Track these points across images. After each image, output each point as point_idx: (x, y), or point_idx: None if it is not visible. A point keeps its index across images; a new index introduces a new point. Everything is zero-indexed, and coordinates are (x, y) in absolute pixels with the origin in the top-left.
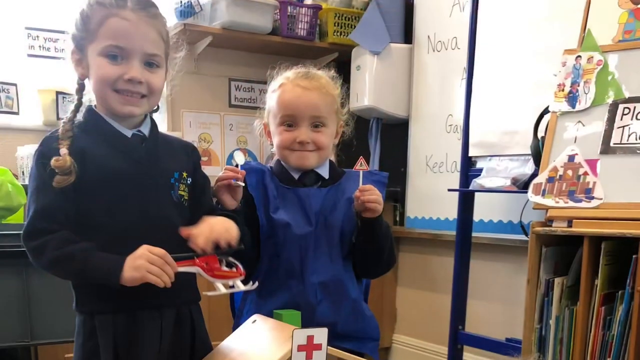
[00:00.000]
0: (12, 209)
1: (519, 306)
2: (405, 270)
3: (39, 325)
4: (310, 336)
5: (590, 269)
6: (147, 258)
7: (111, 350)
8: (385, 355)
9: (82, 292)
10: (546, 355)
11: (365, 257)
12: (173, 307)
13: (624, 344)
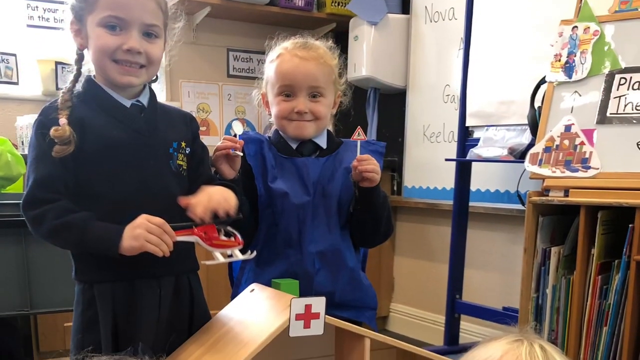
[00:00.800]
0: (12, 179)
1: (515, 275)
2: (402, 239)
3: (39, 295)
4: (308, 305)
5: (587, 238)
6: (146, 227)
7: (110, 319)
8: (382, 324)
9: (81, 261)
10: (543, 324)
11: (362, 227)
12: (172, 276)
13: (621, 313)
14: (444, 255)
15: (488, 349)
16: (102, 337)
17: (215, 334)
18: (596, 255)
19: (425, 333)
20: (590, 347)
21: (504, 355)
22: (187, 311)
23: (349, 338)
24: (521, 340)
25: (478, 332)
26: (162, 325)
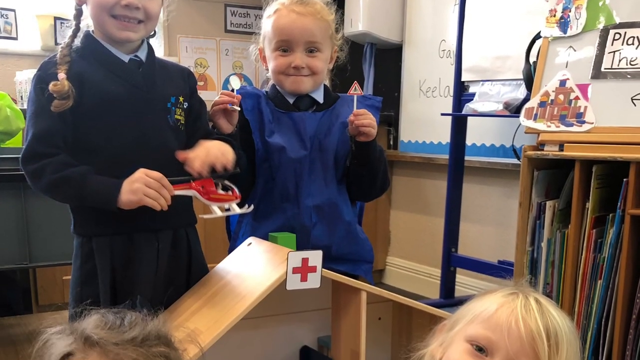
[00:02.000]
0: (11, 133)
1: (511, 229)
2: (398, 193)
3: (37, 248)
4: (305, 258)
5: (582, 192)
6: (144, 181)
7: (108, 272)
8: (379, 277)
9: (79, 215)
10: (538, 277)
11: (359, 181)
12: (169, 229)
13: (615, 266)
14: (439, 209)
15: (483, 302)
16: (100, 290)
17: (212, 287)
18: (591, 209)
19: (421, 286)
20: (584, 300)
21: (499, 308)
22: (185, 265)
23: (345, 291)
24: (516, 293)
25: (473, 285)
26: (160, 279)
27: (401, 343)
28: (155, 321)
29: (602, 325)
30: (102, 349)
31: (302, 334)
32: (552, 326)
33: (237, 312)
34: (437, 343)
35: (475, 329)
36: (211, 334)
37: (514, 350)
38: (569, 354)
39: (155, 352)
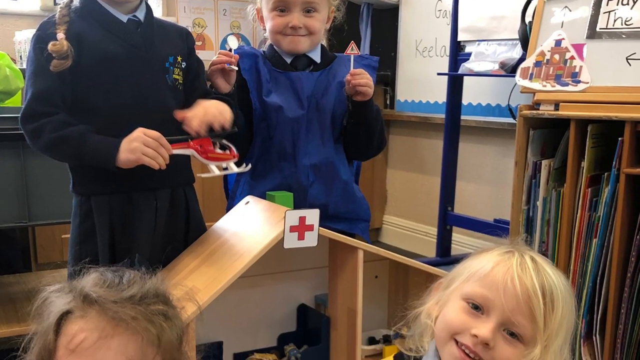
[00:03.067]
0: (10, 93)
1: (506, 188)
2: (395, 152)
3: (37, 207)
4: (302, 217)
5: (577, 151)
6: (142, 140)
7: (107, 231)
8: (375, 235)
9: (78, 174)
10: (533, 236)
11: (356, 140)
12: (168, 188)
13: (610, 225)
14: (436, 168)
15: (480, 260)
16: (99, 249)
17: (210, 245)
18: (586, 168)
19: (418, 245)
20: (580, 259)
21: (495, 267)
22: (183, 223)
23: (342, 249)
24: (512, 251)
25: (470, 243)
26: (158, 237)
27: (397, 301)
28: (153, 279)
29: (597, 283)
30: (100, 307)
31: (299, 292)
32: (547, 284)
33: (235, 270)
34: (433, 301)
35: (472, 287)
36: (209, 292)
37: (510, 308)
38: (564, 311)
39: (153, 310)
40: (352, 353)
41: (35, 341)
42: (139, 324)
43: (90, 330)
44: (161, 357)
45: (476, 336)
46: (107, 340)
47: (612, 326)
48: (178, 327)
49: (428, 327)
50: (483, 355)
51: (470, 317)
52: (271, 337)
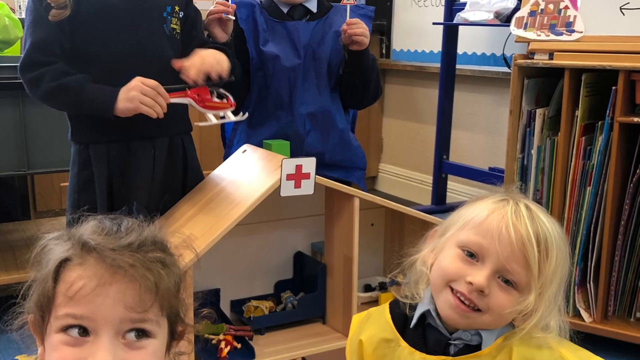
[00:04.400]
0: (9, 42)
1: (501, 136)
2: (391, 101)
3: (35, 155)
4: (299, 165)
5: (571, 100)
6: (140, 89)
7: (105, 179)
8: (371, 184)
9: (77, 122)
10: (528, 184)
11: (352, 89)
12: (165, 137)
13: (604, 173)
14: (431, 116)
15: (475, 208)
16: (97, 197)
17: (208, 193)
18: (580, 116)
19: (413, 193)
20: (574, 207)
21: (490, 215)
22: (181, 171)
23: (338, 198)
24: (507, 199)
25: (465, 191)
26: (156, 185)
27: (393, 249)
28: (151, 227)
29: (591, 230)
30: (99, 254)
31: (296, 240)
32: (542, 232)
33: (232, 218)
34: (428, 249)
35: (467, 235)
36: (206, 239)
37: (505, 255)
38: (558, 259)
39: (151, 258)
40: (347, 300)
41: (34, 288)
42: (137, 272)
43: (89, 278)
44: (159, 304)
45: (471, 283)
46: (105, 288)
47: (605, 273)
48: (176, 275)
49: (423, 275)
50: (478, 302)
51: (466, 265)
52: (268, 284)
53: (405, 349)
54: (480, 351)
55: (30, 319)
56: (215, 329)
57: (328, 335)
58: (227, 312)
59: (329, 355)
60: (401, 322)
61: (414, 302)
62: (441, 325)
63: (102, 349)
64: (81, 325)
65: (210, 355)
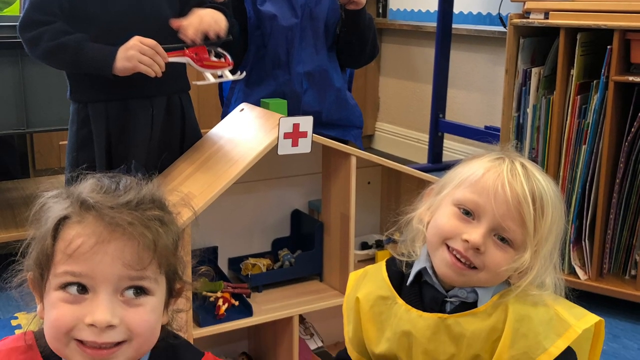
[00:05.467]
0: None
1: (497, 95)
2: (387, 60)
3: (35, 114)
4: (296, 124)
5: (566, 59)
6: (139, 49)
7: (104, 138)
8: (368, 142)
9: (76, 81)
10: (524, 143)
11: (349, 48)
12: (164, 96)
13: (599, 132)
14: (427, 75)
15: (471, 166)
16: (96, 155)
17: (205, 152)
18: (575, 75)
19: (410, 151)
20: (569, 165)
21: (486, 173)
22: (179, 130)
23: (335, 156)
24: (503, 158)
25: (461, 150)
26: (154, 144)
27: (390, 207)
28: (149, 185)
29: (587, 189)
30: (97, 212)
31: (293, 198)
32: (537, 190)
33: (230, 176)
34: (425, 207)
35: (463, 193)
36: (204, 197)
37: (500, 213)
38: (553, 217)
39: (149, 216)
40: (344, 258)
41: (33, 246)
42: (136, 229)
43: (88, 236)
44: (157, 262)
45: (467, 241)
46: (104, 245)
47: (600, 231)
48: (174, 232)
49: (420, 233)
50: (474, 260)
51: (461, 223)
52: (265, 242)
53: (401, 306)
54: (476, 308)
55: (30, 276)
56: (213, 287)
57: (325, 292)
58: (224, 270)
59: (326, 313)
60: (397, 280)
61: (410, 259)
62: (437, 282)
63: (100, 306)
64: (80, 282)
65: (208, 313)
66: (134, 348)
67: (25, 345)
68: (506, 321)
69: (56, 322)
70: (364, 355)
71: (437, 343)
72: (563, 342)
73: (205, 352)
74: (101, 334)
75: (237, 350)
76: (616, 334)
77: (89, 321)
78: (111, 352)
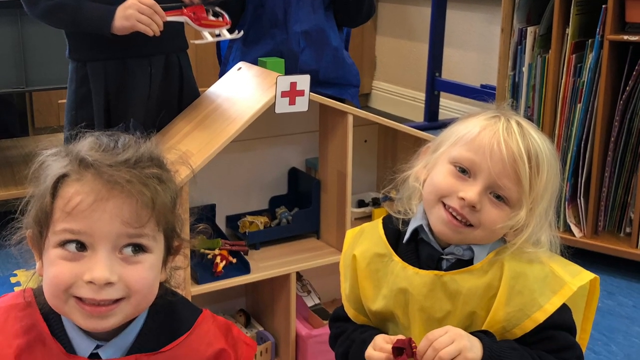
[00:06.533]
0: None
1: (493, 54)
2: (384, 19)
3: (34, 72)
4: (294, 82)
5: (562, 18)
6: (137, 8)
7: (102, 96)
8: (365, 101)
9: (75, 40)
10: (519, 101)
11: (346, 7)
12: (162, 54)
13: (594, 90)
14: (424, 34)
15: (467, 124)
16: (94, 114)
17: (203, 110)
18: (571, 34)
19: (406, 109)
20: (564, 123)
21: (481, 131)
22: (177, 89)
23: (332, 114)
24: (498, 116)
25: (457, 108)
26: (153, 102)
27: (386, 165)
28: (147, 143)
29: (582, 147)
30: (96, 170)
31: (290, 156)
32: (533, 148)
33: (227, 134)
34: (421, 165)
35: (459, 151)
36: (202, 155)
37: (496, 171)
38: (549, 175)
39: (147, 174)
40: (341, 215)
41: (32, 204)
42: (134, 187)
43: (86, 193)
44: (155, 220)
45: (463, 199)
46: (103, 203)
47: (596, 189)
48: (172, 190)
49: (416, 190)
50: (470, 218)
51: (458, 180)
52: (263, 199)
53: (398, 263)
54: (472, 266)
55: (29, 234)
56: (211, 244)
57: (322, 250)
58: (222, 228)
59: (323, 270)
60: (394, 237)
61: (406, 217)
62: (433, 240)
63: (99, 264)
64: (78, 240)
65: (206, 270)
66: (132, 305)
67: (24, 302)
68: (502, 278)
69: (55, 280)
70: (360, 312)
71: (433, 300)
72: (558, 299)
73: (203, 309)
74: (100, 291)
75: (235, 307)
76: (611, 291)
77: (87, 278)
78: (109, 309)
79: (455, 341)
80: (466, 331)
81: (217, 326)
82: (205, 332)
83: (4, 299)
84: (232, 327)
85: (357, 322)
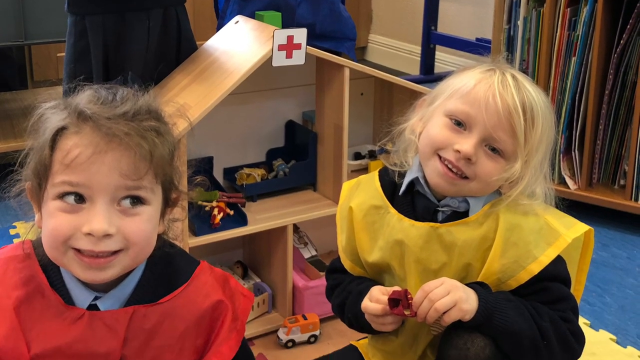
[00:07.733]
0: None
1: (488, 7)
2: None
3: (33, 25)
4: (290, 36)
5: None
6: None
7: (101, 49)
8: (361, 54)
9: None
10: (514, 54)
11: None
12: (160, 8)
13: (589, 44)
14: None
15: (462, 77)
16: (93, 67)
17: (201, 64)
18: None
19: (402, 63)
20: (559, 76)
21: (477, 84)
22: (175, 42)
23: (329, 68)
24: (494, 69)
25: (452, 62)
26: (151, 56)
27: (382, 117)
28: (146, 96)
29: (576, 100)
30: (94, 123)
31: (287, 109)
32: (528, 101)
33: (225, 87)
34: (417, 117)
35: (454, 104)
36: (200, 108)
37: (491, 124)
38: (544, 127)
39: (146, 126)
40: (338, 168)
41: (31, 156)
42: (132, 140)
43: (85, 146)
44: (153, 172)
45: (459, 151)
46: (101, 156)
47: (590, 142)
48: (170, 143)
49: (412, 143)
50: (465, 170)
51: (453, 133)
52: (260, 152)
53: (394, 215)
54: (467, 218)
55: (28, 186)
56: (209, 196)
57: (319, 202)
58: (220, 180)
59: (320, 222)
60: (390, 190)
61: (402, 169)
62: (429, 192)
63: (97, 216)
64: (77, 192)
65: (204, 222)
66: (131, 257)
67: (23, 253)
68: (497, 230)
69: (54, 231)
70: (357, 264)
71: (429, 252)
72: (553, 251)
73: (201, 260)
74: (98, 242)
75: (232, 259)
76: (605, 243)
77: (86, 230)
78: (108, 260)
79: (450, 292)
80: (461, 283)
81: (215, 278)
82: (203, 284)
83: (3, 250)
84: (230, 278)
85: (353, 274)
